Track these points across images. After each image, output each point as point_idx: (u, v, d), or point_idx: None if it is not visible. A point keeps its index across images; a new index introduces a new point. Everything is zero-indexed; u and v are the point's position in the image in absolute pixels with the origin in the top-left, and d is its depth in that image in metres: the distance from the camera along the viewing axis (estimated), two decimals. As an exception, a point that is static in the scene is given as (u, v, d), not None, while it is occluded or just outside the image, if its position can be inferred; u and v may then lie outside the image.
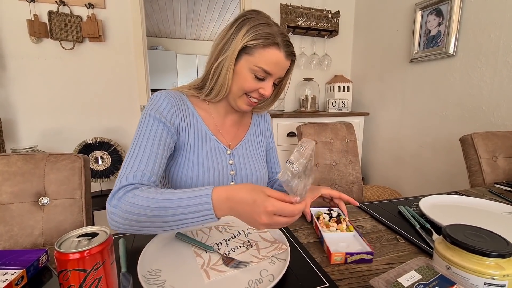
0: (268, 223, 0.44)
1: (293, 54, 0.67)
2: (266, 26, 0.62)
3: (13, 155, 0.64)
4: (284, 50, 0.63)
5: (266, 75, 0.65)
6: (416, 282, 0.36)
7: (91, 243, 0.31)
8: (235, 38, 0.62)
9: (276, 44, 0.62)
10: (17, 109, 1.71)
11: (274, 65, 0.63)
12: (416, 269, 0.39)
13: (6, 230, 0.60)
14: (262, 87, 0.66)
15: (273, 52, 0.62)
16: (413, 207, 0.74)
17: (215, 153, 0.71)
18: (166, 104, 0.63)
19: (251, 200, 0.44)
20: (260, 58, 0.62)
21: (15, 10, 1.62)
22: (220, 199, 0.47)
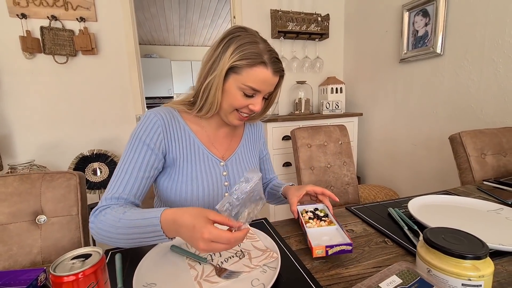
0: (206, 248, 0.45)
1: (281, 70, 0.68)
2: (253, 45, 0.63)
3: (9, 176, 0.65)
4: (272, 67, 0.64)
5: (255, 92, 0.66)
6: (397, 286, 0.38)
7: (85, 264, 0.33)
8: (222, 58, 0.64)
9: (263, 63, 0.63)
10: (12, 125, 1.72)
11: (261, 82, 0.65)
12: (397, 273, 0.41)
13: (5, 250, 0.62)
14: (251, 103, 0.67)
15: (260, 70, 0.63)
16: (403, 209, 0.76)
17: (208, 165, 0.72)
18: (155, 127, 0.66)
19: (191, 225, 0.46)
20: (247, 77, 0.64)
21: (7, 27, 1.64)
22: (167, 222, 0.50)
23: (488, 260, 0.41)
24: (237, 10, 2.09)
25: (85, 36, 1.72)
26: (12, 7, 1.62)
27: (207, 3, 3.30)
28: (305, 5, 2.23)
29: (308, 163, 1.38)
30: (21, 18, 1.64)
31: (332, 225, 0.62)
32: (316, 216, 0.67)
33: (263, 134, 0.93)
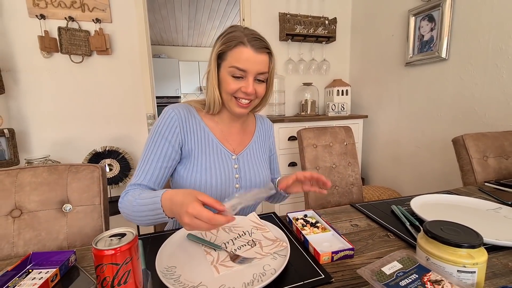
0: (189, 223, 0.49)
1: (263, 47, 0.70)
2: (232, 32, 0.70)
3: (39, 167, 0.71)
4: (251, 45, 0.68)
5: (242, 72, 0.70)
6: (397, 270, 0.42)
7: (121, 241, 0.38)
8: (212, 52, 0.72)
9: (241, 42, 0.68)
10: (29, 121, 1.79)
11: (244, 61, 0.69)
12: (398, 259, 0.45)
13: (35, 235, 0.67)
14: (243, 86, 0.71)
15: (240, 50, 0.68)
16: (405, 206, 0.80)
17: (221, 158, 0.77)
18: (172, 122, 0.73)
19: (180, 202, 0.51)
20: (231, 59, 0.69)
21: (26, 27, 1.71)
22: (166, 200, 0.56)
23: (482, 249, 0.44)
24: (246, 12, 2.14)
25: (100, 36, 1.78)
26: (32, 8, 1.69)
27: (216, 5, 3.36)
28: (313, 9, 2.27)
29: (313, 163, 1.42)
30: (40, 18, 1.71)
31: (327, 231, 0.64)
32: (309, 222, 0.68)
33: (273, 134, 0.97)
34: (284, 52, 2.27)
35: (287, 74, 2.29)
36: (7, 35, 1.69)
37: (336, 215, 0.79)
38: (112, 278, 0.36)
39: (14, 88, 1.74)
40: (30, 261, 0.54)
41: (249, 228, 0.66)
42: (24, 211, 0.68)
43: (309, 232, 0.64)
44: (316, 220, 0.70)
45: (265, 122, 0.95)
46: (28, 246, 0.66)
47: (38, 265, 0.55)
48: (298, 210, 0.77)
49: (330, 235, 0.64)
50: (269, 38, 2.32)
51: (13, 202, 0.67)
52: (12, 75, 1.73)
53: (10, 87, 1.73)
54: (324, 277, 0.50)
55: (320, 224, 0.68)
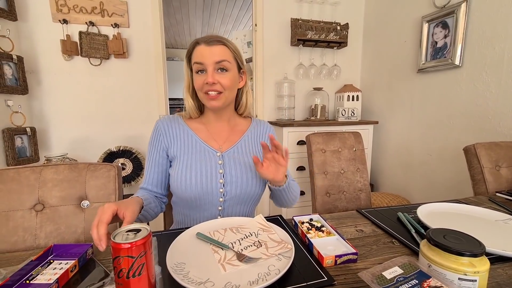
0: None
1: (215, 40, 0.78)
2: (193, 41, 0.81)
3: (60, 164, 0.75)
4: (204, 41, 0.78)
5: (200, 65, 0.78)
6: (398, 275, 0.44)
7: (137, 236, 0.41)
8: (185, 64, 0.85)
9: (197, 43, 0.79)
10: (49, 120, 1.88)
11: (200, 56, 0.78)
12: (399, 265, 0.46)
13: (55, 228, 0.72)
14: (205, 78, 0.78)
15: (196, 49, 0.79)
16: (412, 214, 0.80)
17: (204, 155, 0.83)
18: (157, 132, 0.85)
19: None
20: (193, 59, 0.80)
21: (50, 31, 1.80)
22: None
23: (484, 258, 0.45)
24: (258, 18, 2.18)
25: (118, 41, 1.86)
26: (55, 14, 1.79)
27: (229, 10, 3.42)
28: (325, 14, 2.29)
29: (321, 168, 1.43)
30: (63, 23, 1.80)
31: (331, 236, 0.65)
32: (314, 226, 0.70)
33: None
34: (295, 57, 2.30)
35: (297, 78, 2.31)
36: (32, 38, 1.79)
37: (342, 220, 0.80)
38: (128, 269, 0.39)
39: (37, 89, 1.83)
40: (52, 252, 0.59)
41: (256, 230, 0.69)
42: (46, 206, 0.72)
43: (314, 235, 0.66)
44: (322, 224, 0.72)
45: (261, 124, 0.96)
46: (49, 239, 0.71)
47: (59, 256, 0.59)
48: (304, 214, 0.78)
49: (335, 239, 0.65)
50: (281, 43, 2.34)
51: (37, 197, 0.72)
52: (35, 76, 1.82)
53: (33, 87, 1.82)
54: (326, 279, 0.51)
55: (325, 228, 0.69)
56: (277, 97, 2.31)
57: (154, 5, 1.96)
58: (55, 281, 0.47)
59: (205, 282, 0.49)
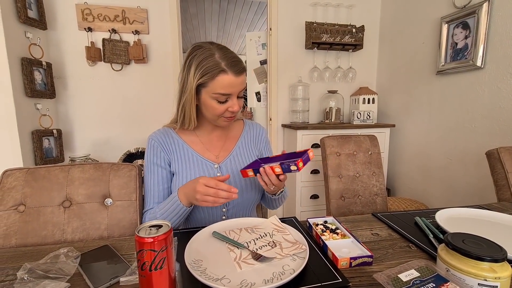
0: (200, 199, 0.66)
1: (241, 70, 0.73)
2: (209, 59, 0.70)
3: (86, 164, 0.80)
4: (232, 71, 0.71)
5: (226, 96, 0.73)
6: (414, 278, 0.43)
7: (159, 231, 0.43)
8: (188, 79, 0.73)
9: (222, 71, 0.70)
10: (74, 122, 1.99)
11: (228, 87, 0.72)
12: (416, 268, 0.46)
13: (81, 224, 0.76)
14: (230, 106, 0.75)
15: (222, 78, 0.71)
16: (430, 219, 0.78)
17: (202, 169, 0.82)
18: (155, 148, 0.82)
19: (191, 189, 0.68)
20: (214, 87, 0.71)
21: (76, 38, 1.91)
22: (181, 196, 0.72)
23: (506, 264, 0.44)
24: (273, 22, 2.21)
25: (138, 47, 1.94)
26: (81, 22, 1.89)
27: (244, 15, 3.48)
28: (340, 17, 2.28)
29: (336, 171, 1.41)
30: (87, 31, 1.90)
31: (346, 238, 0.65)
32: (328, 228, 0.70)
33: (265, 138, 0.98)
34: (309, 60, 2.30)
35: (312, 81, 2.31)
36: (59, 46, 1.90)
37: (357, 223, 0.80)
38: (151, 262, 0.42)
39: (63, 93, 1.94)
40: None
41: (270, 230, 0.70)
42: (73, 203, 0.77)
43: (329, 237, 0.66)
44: (336, 227, 0.72)
45: (254, 127, 0.97)
46: (75, 234, 0.75)
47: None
48: (318, 217, 0.79)
49: (350, 242, 0.65)
50: (295, 46, 2.36)
51: (65, 194, 0.77)
52: (62, 81, 1.93)
53: (60, 92, 1.93)
54: (341, 281, 0.52)
55: (340, 231, 0.69)
56: (291, 100, 2.32)
57: (172, 12, 2.03)
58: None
59: (222, 279, 0.51)
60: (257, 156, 0.93)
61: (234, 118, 0.81)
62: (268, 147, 0.99)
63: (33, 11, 1.71)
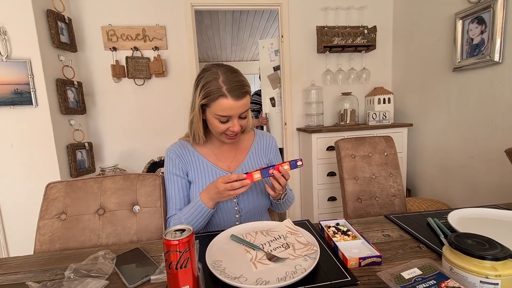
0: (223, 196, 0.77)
1: (241, 94, 0.78)
2: (213, 82, 0.77)
3: (116, 175, 0.89)
4: (232, 96, 0.76)
5: (227, 117, 0.79)
6: (416, 276, 0.46)
7: (182, 235, 0.50)
8: (195, 99, 0.81)
9: (222, 95, 0.76)
10: (102, 135, 2.15)
11: (228, 109, 0.78)
12: (419, 267, 0.48)
13: (113, 230, 0.85)
14: (230, 126, 0.81)
15: (222, 102, 0.77)
16: (443, 220, 0.79)
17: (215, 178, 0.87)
18: (173, 160, 0.90)
19: (213, 190, 0.79)
20: (215, 109, 0.78)
21: (102, 58, 2.07)
22: (204, 199, 0.81)
23: (508, 262, 0.46)
24: (284, 29, 2.26)
25: (158, 62, 2.07)
26: (107, 42, 2.05)
27: (257, 23, 3.56)
28: (351, 19, 2.29)
29: (352, 173, 1.43)
30: (112, 50, 2.06)
31: (357, 239, 0.68)
32: (340, 230, 0.73)
33: (274, 148, 1.03)
34: (322, 64, 2.32)
35: (325, 85, 2.33)
36: (88, 65, 2.08)
37: (369, 225, 0.82)
38: (176, 262, 0.48)
39: (92, 109, 2.11)
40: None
41: (284, 233, 0.74)
42: (106, 210, 0.86)
43: (340, 239, 0.70)
44: (348, 229, 0.75)
45: (265, 137, 1.02)
46: (109, 238, 0.84)
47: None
48: (331, 219, 0.82)
49: (360, 243, 0.68)
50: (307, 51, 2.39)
51: (99, 203, 0.86)
52: (91, 98, 2.10)
53: (90, 108, 2.10)
54: (350, 279, 0.55)
55: (351, 233, 0.72)
56: (305, 104, 2.35)
57: (188, 26, 2.14)
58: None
59: (239, 277, 0.56)
60: (266, 165, 0.99)
61: (236, 137, 0.87)
62: (278, 157, 1.04)
63: (64, 36, 1.88)
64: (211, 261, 0.62)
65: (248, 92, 0.82)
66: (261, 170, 0.78)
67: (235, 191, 0.76)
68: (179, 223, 0.82)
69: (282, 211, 1.03)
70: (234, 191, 0.75)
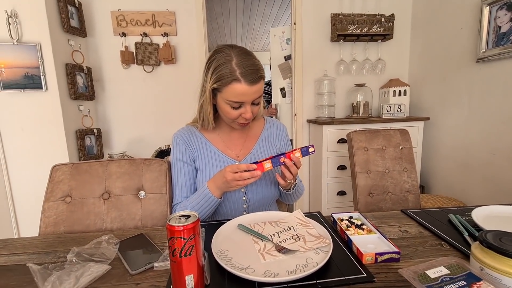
0: (231, 185, 0.73)
1: (255, 79, 0.72)
2: (226, 65, 0.71)
3: (122, 159, 0.87)
4: (246, 80, 0.71)
5: (239, 103, 0.75)
6: (443, 275, 0.42)
7: (188, 221, 0.46)
8: (206, 82, 0.76)
9: (235, 79, 0.71)
10: (111, 122, 2.14)
11: (241, 95, 0.73)
12: (445, 265, 0.44)
13: (119, 215, 0.83)
14: (242, 113, 0.76)
15: (235, 87, 0.72)
16: (466, 217, 0.74)
17: (223, 166, 0.84)
18: (180, 145, 0.86)
19: (220, 179, 0.75)
20: (227, 94, 0.73)
21: (111, 43, 2.05)
22: (211, 188, 0.77)
23: (549, 265, 0.41)
24: (297, 16, 2.18)
25: (167, 48, 2.03)
26: (116, 28, 2.02)
27: (269, 10, 3.46)
28: (368, 7, 2.18)
29: (364, 167, 1.37)
30: (122, 36, 2.03)
31: (372, 234, 0.64)
32: (354, 224, 0.69)
33: (285, 137, 0.99)
34: (335, 53, 2.24)
35: (338, 75, 2.25)
36: (97, 51, 2.06)
37: (384, 219, 0.77)
38: (180, 249, 0.45)
39: (102, 95, 2.10)
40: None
41: (294, 224, 0.71)
42: (112, 195, 0.84)
43: (354, 232, 0.65)
44: (362, 222, 0.70)
45: (275, 125, 0.97)
46: (114, 223, 0.82)
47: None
48: (343, 212, 0.78)
49: (376, 238, 0.63)
50: (320, 40, 2.31)
51: (104, 187, 0.84)
52: (101, 84, 2.09)
53: (99, 94, 2.09)
54: (366, 275, 0.51)
55: (366, 226, 0.68)
56: (316, 95, 2.28)
57: (198, 13, 2.09)
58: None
59: (247, 268, 0.53)
60: (274, 152, 0.94)
61: (247, 124, 0.83)
62: (288, 145, 1.00)
63: (74, 20, 1.86)
64: (217, 250, 0.59)
65: (263, 77, 0.76)
66: (271, 159, 0.74)
67: (244, 181, 0.72)
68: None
69: (291, 203, 0.99)
70: (243, 181, 0.72)
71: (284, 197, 0.94)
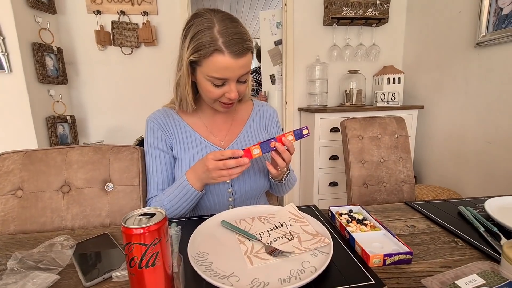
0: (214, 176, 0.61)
1: (242, 50, 0.60)
2: (206, 32, 0.59)
3: (85, 146, 0.74)
4: (230, 51, 0.59)
5: (223, 80, 0.63)
6: (478, 286, 0.33)
7: (150, 221, 0.35)
8: (182, 53, 0.63)
9: (217, 49, 0.59)
10: (87, 109, 1.97)
11: (224, 70, 0.61)
12: (478, 273, 0.35)
13: (81, 211, 0.71)
14: (226, 92, 0.65)
15: (216, 59, 0.59)
16: (477, 209, 0.66)
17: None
18: (154, 130, 0.75)
19: (201, 169, 0.64)
20: (208, 68, 0.61)
21: (85, 22, 1.85)
22: (191, 179, 0.66)
23: None
24: (288, -2, 2.04)
25: (147, 28, 1.86)
26: (90, 5, 1.83)
27: (258, -7, 3.30)
28: (363, -12, 2.07)
29: (358, 156, 1.29)
30: (96, 14, 1.84)
31: (377, 230, 0.55)
32: (355, 219, 0.60)
33: (276, 121, 0.89)
34: (328, 38, 2.12)
35: (330, 61, 2.15)
36: (69, 30, 1.86)
37: (387, 213, 0.69)
38: (140, 258, 0.34)
39: (75, 79, 1.92)
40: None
41: (287, 220, 0.61)
42: (72, 188, 0.72)
43: (356, 229, 0.56)
44: (364, 217, 0.62)
45: (264, 108, 0.87)
46: (75, 221, 0.70)
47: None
48: (342, 205, 0.69)
49: (381, 235, 0.55)
50: (312, 23, 2.18)
51: (63, 178, 0.71)
52: (74, 67, 1.90)
53: (72, 78, 1.90)
54: (374, 282, 0.42)
55: (368, 222, 0.59)
56: (308, 82, 2.17)
57: (182, -10, 1.92)
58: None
59: (229, 276, 0.43)
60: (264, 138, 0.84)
61: (232, 105, 0.71)
62: (279, 131, 0.89)
63: (41, -6, 1.66)
64: (194, 254, 0.48)
65: (251, 49, 0.63)
66: (260, 144, 0.63)
67: (229, 171, 0.60)
68: (161, 206, 0.67)
69: (282, 195, 0.89)
70: (227, 171, 0.60)
71: (274, 189, 0.83)
